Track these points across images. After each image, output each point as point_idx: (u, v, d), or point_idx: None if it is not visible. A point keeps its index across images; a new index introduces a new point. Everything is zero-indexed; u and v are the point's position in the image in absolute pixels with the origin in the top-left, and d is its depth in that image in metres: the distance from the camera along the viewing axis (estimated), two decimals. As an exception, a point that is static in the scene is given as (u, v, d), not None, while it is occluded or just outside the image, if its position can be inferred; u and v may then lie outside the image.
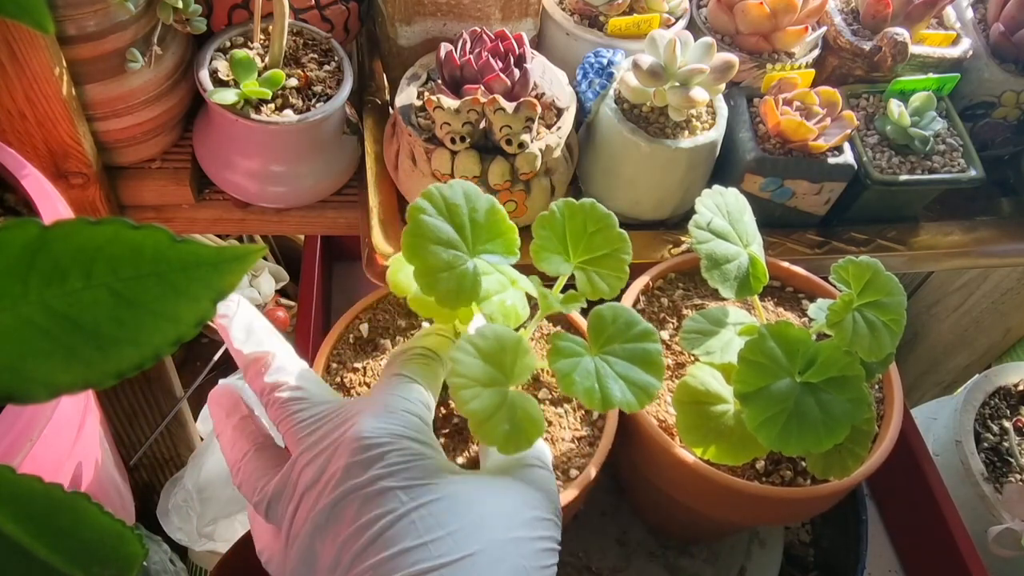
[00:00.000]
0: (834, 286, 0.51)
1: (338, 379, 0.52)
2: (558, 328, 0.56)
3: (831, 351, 0.48)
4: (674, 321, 0.58)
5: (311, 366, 0.52)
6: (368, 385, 0.52)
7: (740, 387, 0.46)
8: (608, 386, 0.42)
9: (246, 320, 0.45)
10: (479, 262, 0.43)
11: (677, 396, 0.50)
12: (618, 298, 0.58)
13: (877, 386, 0.57)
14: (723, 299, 0.56)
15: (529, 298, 0.46)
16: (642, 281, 0.59)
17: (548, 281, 0.47)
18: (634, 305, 0.59)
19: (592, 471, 0.49)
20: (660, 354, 0.45)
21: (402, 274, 0.45)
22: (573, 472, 0.49)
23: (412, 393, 0.42)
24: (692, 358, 0.56)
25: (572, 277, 0.47)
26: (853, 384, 0.47)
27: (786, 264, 0.62)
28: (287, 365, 0.44)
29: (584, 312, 0.47)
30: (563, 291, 0.47)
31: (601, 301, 0.46)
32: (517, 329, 0.44)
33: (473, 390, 0.39)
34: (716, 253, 0.51)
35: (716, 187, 0.53)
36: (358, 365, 0.52)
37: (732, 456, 0.49)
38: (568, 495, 0.48)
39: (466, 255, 0.43)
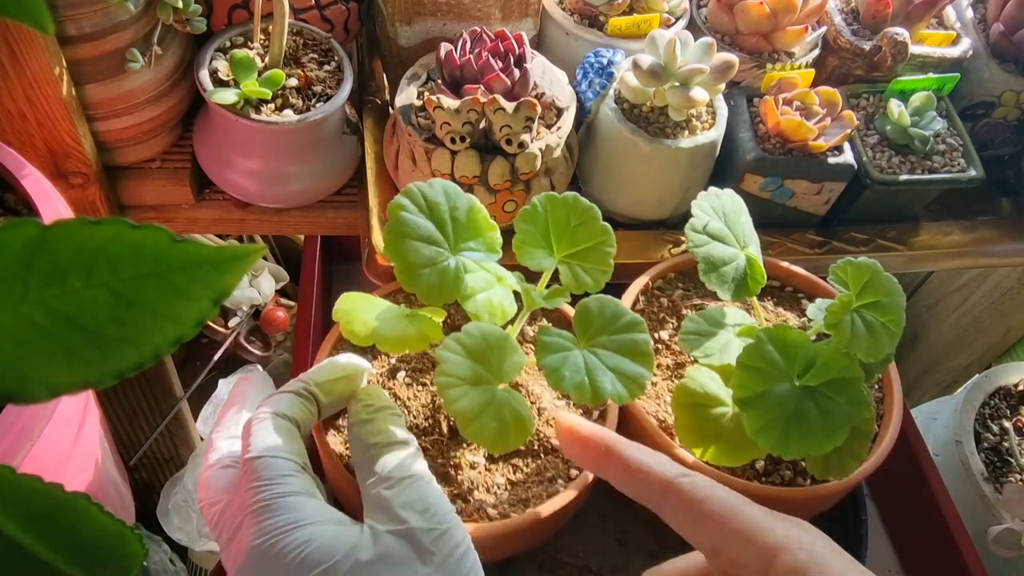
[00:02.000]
0: (833, 286, 0.51)
1: None
2: (547, 324, 0.56)
3: (830, 353, 0.47)
4: (674, 321, 0.58)
5: (311, 364, 0.52)
6: (369, 382, 0.52)
7: (739, 392, 0.46)
8: (598, 379, 0.42)
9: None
10: (462, 259, 0.43)
11: (676, 398, 0.50)
12: (617, 297, 0.58)
13: (877, 386, 0.57)
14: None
15: (517, 295, 0.46)
16: (641, 281, 0.59)
17: (534, 277, 0.47)
18: (633, 305, 0.59)
19: (581, 485, 0.48)
20: (649, 344, 0.44)
21: (357, 324, 0.44)
22: (573, 472, 0.49)
23: (278, 472, 0.40)
24: (692, 359, 0.56)
25: (557, 272, 0.47)
26: (852, 386, 0.47)
27: (785, 264, 0.62)
28: (214, 457, 0.44)
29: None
30: (548, 286, 0.47)
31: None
32: (505, 326, 0.44)
33: (460, 389, 0.39)
34: (713, 256, 0.50)
35: (712, 189, 0.53)
36: None
37: (731, 458, 0.49)
38: (567, 496, 0.47)
39: (448, 251, 0.43)
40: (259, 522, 0.38)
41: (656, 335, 0.57)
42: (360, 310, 0.45)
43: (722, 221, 0.52)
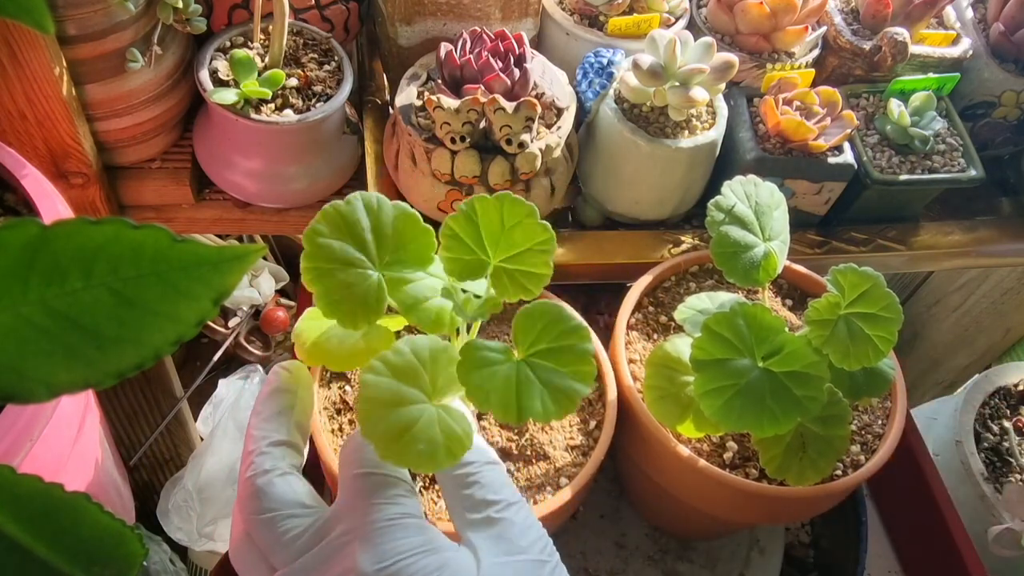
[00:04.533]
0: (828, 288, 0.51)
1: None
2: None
3: (800, 345, 0.47)
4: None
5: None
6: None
7: (698, 353, 0.46)
8: (526, 397, 0.40)
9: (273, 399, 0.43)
10: (390, 274, 0.41)
11: (649, 358, 0.51)
12: (619, 298, 0.58)
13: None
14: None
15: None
16: (644, 281, 0.59)
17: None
18: (653, 289, 0.59)
19: (574, 488, 0.48)
20: (591, 354, 0.42)
21: (310, 343, 0.43)
22: (563, 481, 0.49)
23: (393, 491, 0.38)
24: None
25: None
26: (813, 383, 0.47)
27: (809, 272, 0.61)
28: (269, 464, 0.41)
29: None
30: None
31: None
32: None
33: (377, 413, 0.37)
34: (729, 236, 0.50)
35: (752, 177, 0.53)
36: None
37: (689, 428, 0.49)
38: (554, 503, 0.47)
39: (370, 270, 0.40)
40: (380, 544, 0.35)
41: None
42: (316, 328, 0.43)
43: (751, 209, 0.52)
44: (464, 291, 0.44)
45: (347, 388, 0.51)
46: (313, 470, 0.63)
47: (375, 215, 0.41)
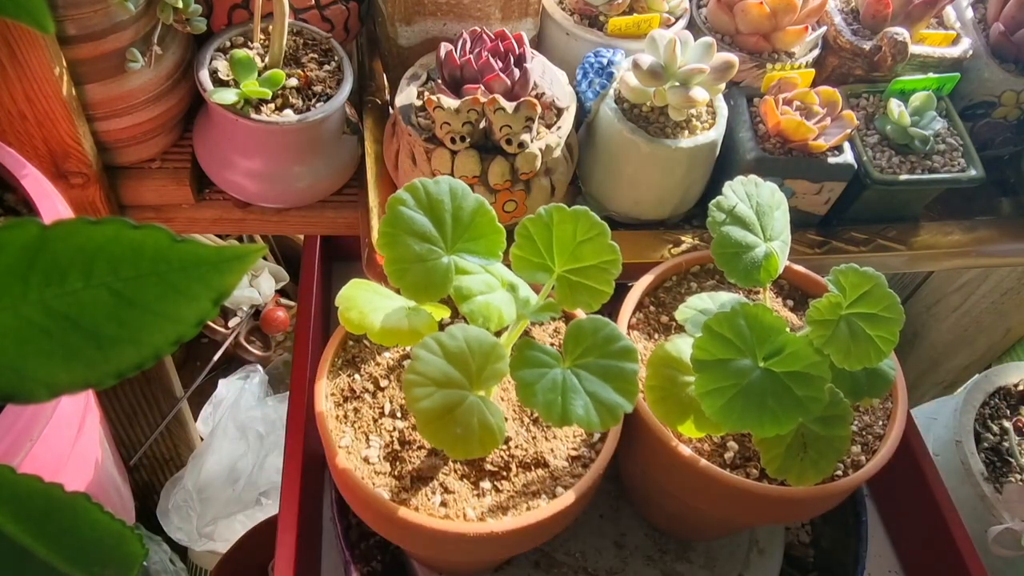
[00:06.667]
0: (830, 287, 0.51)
1: (349, 356, 0.52)
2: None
3: (801, 346, 0.47)
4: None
5: (311, 364, 0.52)
6: (376, 362, 0.52)
7: (699, 353, 0.46)
8: (571, 401, 0.41)
9: None
10: (457, 259, 0.42)
11: (651, 358, 0.51)
12: (620, 297, 0.58)
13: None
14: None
15: None
16: (645, 280, 0.59)
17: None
18: (655, 289, 0.59)
19: (571, 496, 0.48)
20: (636, 375, 0.43)
21: (354, 311, 0.44)
22: (559, 490, 0.49)
23: None
24: None
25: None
26: (815, 384, 0.47)
27: (810, 273, 0.61)
28: None
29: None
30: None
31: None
32: (501, 333, 0.43)
33: (426, 389, 0.38)
34: (730, 237, 0.50)
35: (753, 177, 0.53)
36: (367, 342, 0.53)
37: (690, 428, 0.49)
38: (545, 511, 0.47)
39: (441, 251, 0.42)
40: None
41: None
42: (362, 298, 0.45)
43: (752, 209, 0.52)
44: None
45: (356, 377, 0.51)
46: (318, 457, 0.63)
47: (458, 201, 0.43)
